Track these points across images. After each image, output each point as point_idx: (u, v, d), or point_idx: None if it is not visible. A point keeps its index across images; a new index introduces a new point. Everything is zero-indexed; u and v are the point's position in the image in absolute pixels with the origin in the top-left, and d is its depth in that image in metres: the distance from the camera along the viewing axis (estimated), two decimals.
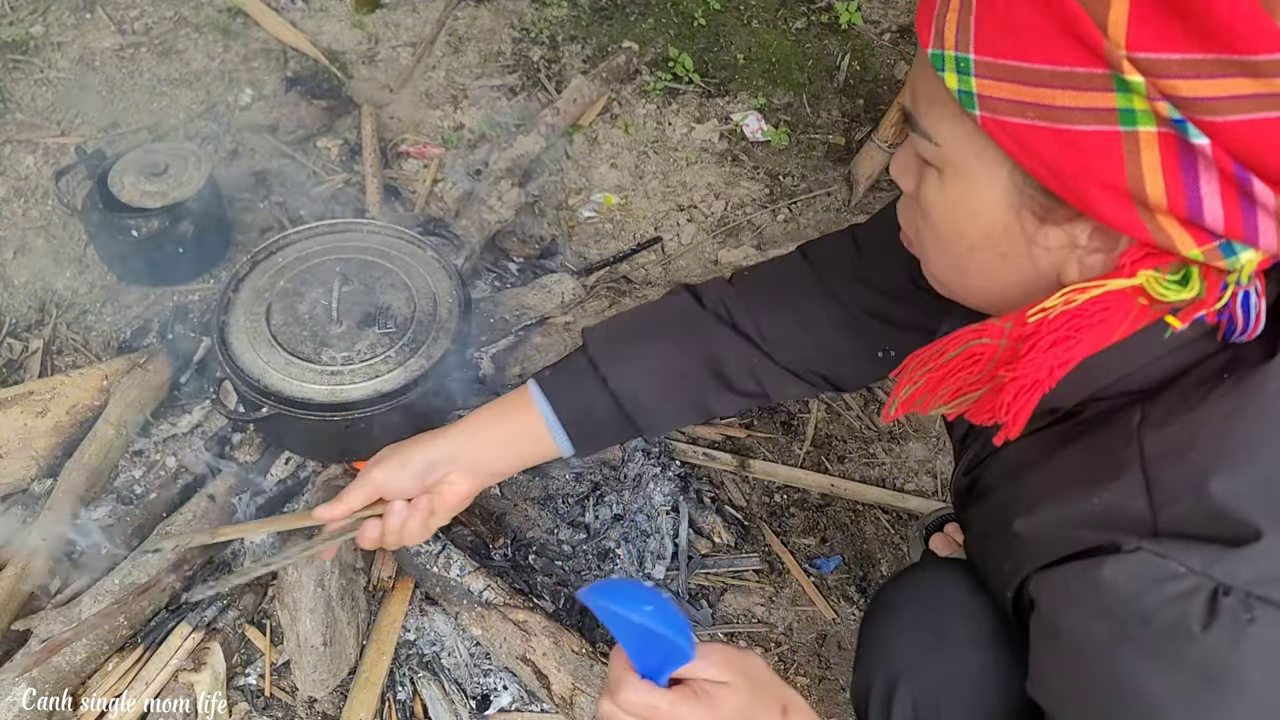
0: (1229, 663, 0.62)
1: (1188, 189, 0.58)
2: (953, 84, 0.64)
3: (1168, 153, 0.57)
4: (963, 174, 0.69)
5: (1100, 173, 0.60)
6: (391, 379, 1.50)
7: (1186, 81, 0.55)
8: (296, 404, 1.45)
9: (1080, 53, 0.58)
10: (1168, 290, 0.62)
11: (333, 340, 1.53)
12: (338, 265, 1.62)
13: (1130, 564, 0.65)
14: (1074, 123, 0.59)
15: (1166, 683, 0.65)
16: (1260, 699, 0.63)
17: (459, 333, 1.56)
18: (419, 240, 1.69)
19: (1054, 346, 0.65)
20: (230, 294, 1.58)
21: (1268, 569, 0.62)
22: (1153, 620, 0.64)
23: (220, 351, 1.50)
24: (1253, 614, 0.61)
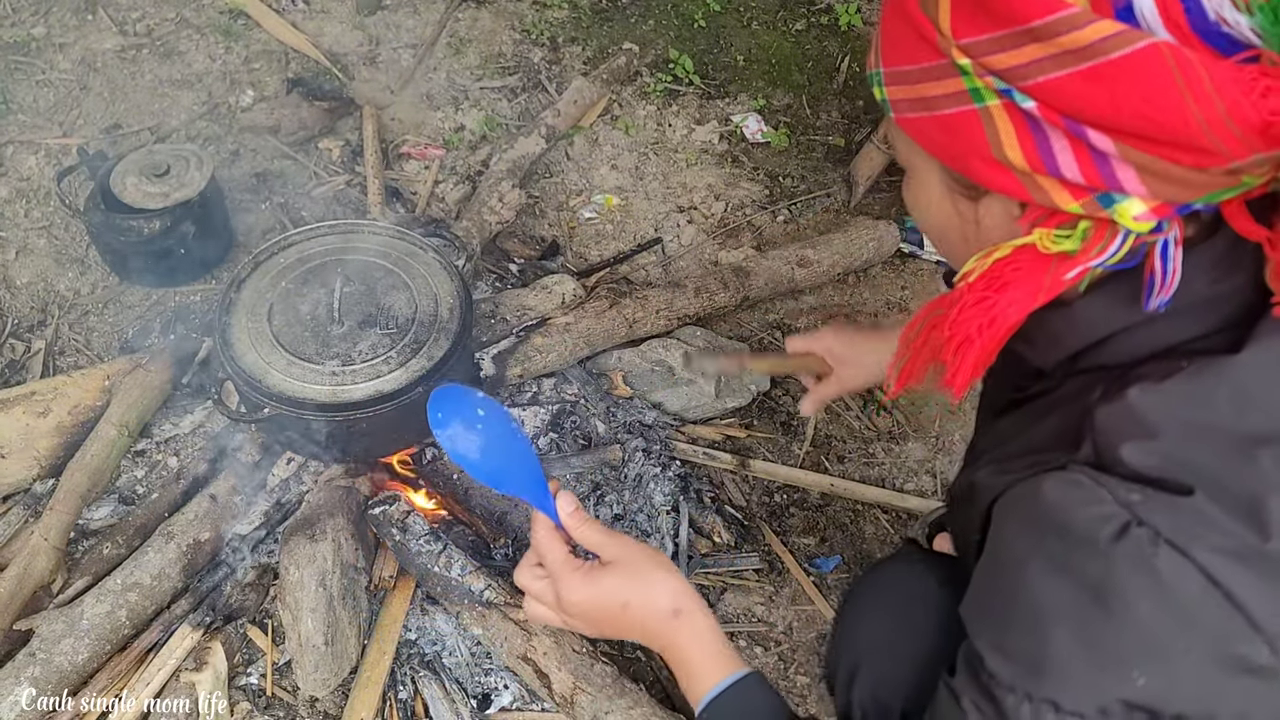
0: (1123, 586, 0.65)
1: (1040, 149, 0.64)
2: (878, 95, 0.75)
3: (1015, 119, 0.64)
4: (913, 171, 0.79)
5: (974, 147, 0.67)
6: (393, 379, 1.50)
7: (996, 56, 0.63)
8: (298, 404, 1.46)
9: (928, 49, 0.67)
10: (1054, 243, 0.68)
11: (334, 341, 1.53)
12: (339, 266, 1.62)
13: (1066, 481, 0.69)
14: (943, 108, 0.68)
15: (1060, 592, 0.68)
16: (1141, 630, 0.65)
17: (460, 333, 1.57)
18: (420, 241, 1.70)
19: (977, 305, 0.72)
20: (232, 295, 1.58)
21: (1186, 523, 0.64)
22: (1068, 534, 0.68)
23: (222, 352, 1.50)
24: (1158, 551, 0.64)
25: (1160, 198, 0.63)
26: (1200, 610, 0.64)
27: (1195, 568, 0.63)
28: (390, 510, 1.57)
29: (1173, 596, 0.64)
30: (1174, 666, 0.66)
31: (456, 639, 1.54)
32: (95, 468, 1.62)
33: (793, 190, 2.45)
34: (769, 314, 2.17)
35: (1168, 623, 0.65)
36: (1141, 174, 0.62)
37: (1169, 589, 0.64)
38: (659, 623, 0.94)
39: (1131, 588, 0.65)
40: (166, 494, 1.62)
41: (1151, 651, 0.66)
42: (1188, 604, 0.64)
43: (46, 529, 1.52)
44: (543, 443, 1.80)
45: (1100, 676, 0.67)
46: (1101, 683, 0.67)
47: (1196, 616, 0.64)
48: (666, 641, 0.95)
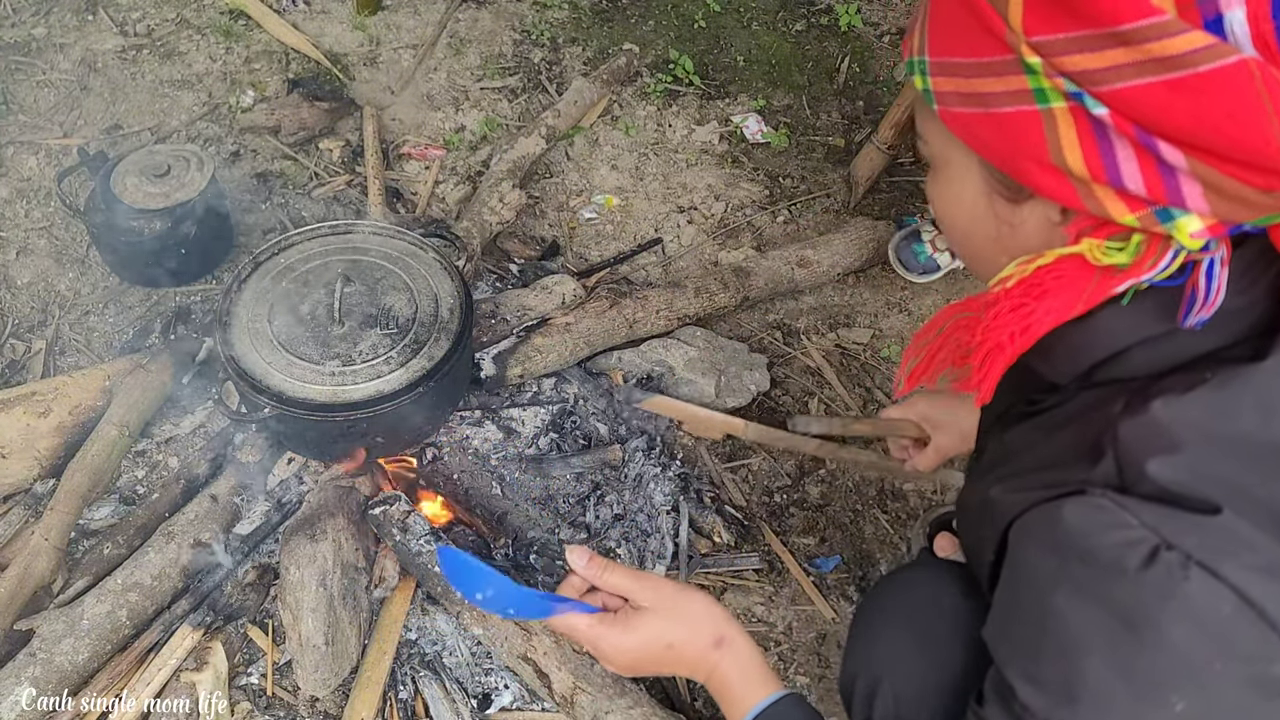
0: (1154, 613, 0.64)
1: (1104, 157, 0.62)
2: (919, 85, 0.72)
3: (1080, 124, 0.62)
4: (946, 167, 0.76)
5: (1030, 149, 0.65)
6: (393, 379, 1.50)
7: (1072, 57, 0.60)
8: (298, 404, 1.46)
9: (992, 43, 0.64)
10: (1105, 255, 0.66)
11: (334, 341, 1.53)
12: (339, 266, 1.62)
13: (1088, 506, 0.68)
14: (1000, 105, 0.65)
15: (1091, 619, 0.67)
16: (1175, 656, 0.64)
17: (461, 333, 1.57)
18: (420, 241, 1.70)
19: (1013, 312, 0.70)
20: (232, 295, 1.58)
21: (1215, 542, 0.63)
22: (1094, 559, 0.66)
23: (222, 352, 1.50)
24: (1189, 574, 0.63)
25: (1218, 216, 0.62)
26: (1235, 631, 0.63)
27: (1227, 588, 0.62)
28: (390, 510, 1.58)
29: (1206, 619, 0.63)
30: (1211, 691, 0.64)
31: (457, 639, 1.54)
32: (96, 468, 1.62)
33: (793, 190, 2.45)
34: (769, 314, 2.18)
35: (1203, 647, 0.63)
36: (1207, 191, 0.61)
37: (1202, 612, 0.63)
38: (703, 656, 0.96)
39: (1164, 614, 0.63)
40: (167, 494, 1.62)
41: (1189, 677, 0.64)
42: (1222, 626, 0.63)
43: (47, 529, 1.52)
44: (543, 443, 1.80)
45: (1137, 705, 0.66)
46: (1139, 711, 0.66)
47: (1232, 637, 0.63)
48: (709, 670, 0.96)
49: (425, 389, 1.50)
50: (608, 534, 1.69)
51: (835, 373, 2.08)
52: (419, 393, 1.49)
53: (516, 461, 1.75)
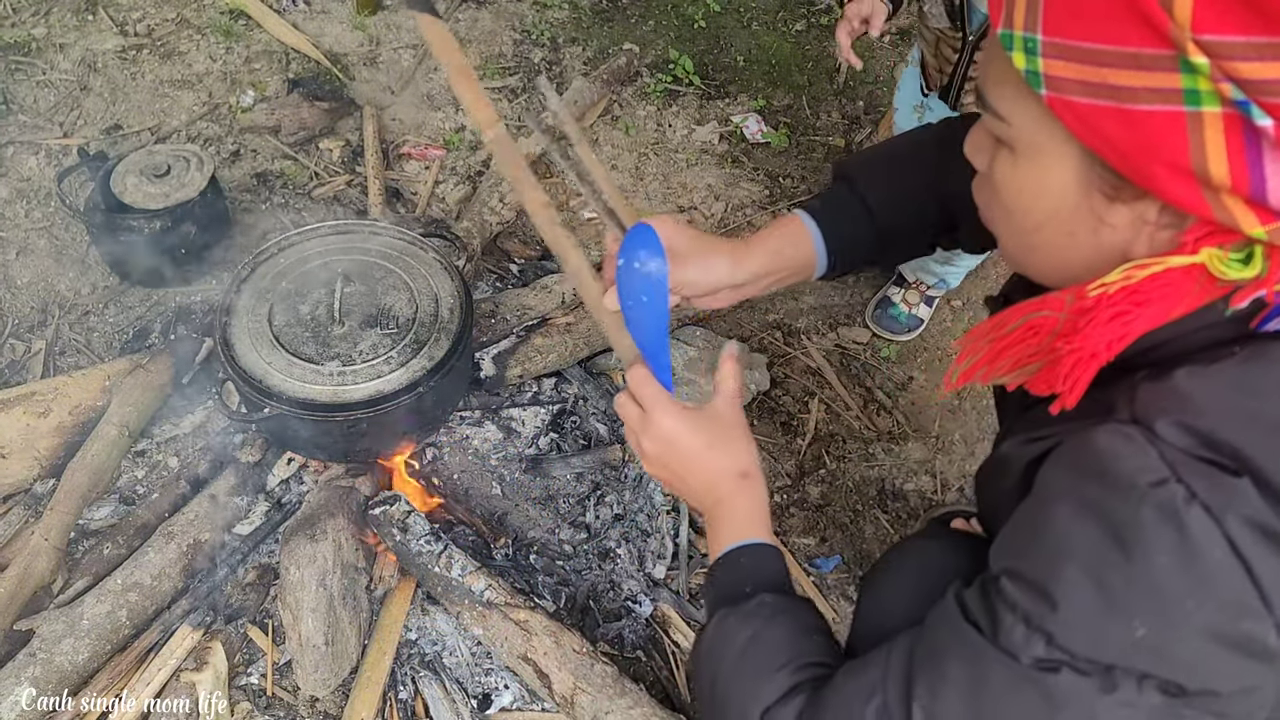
0: (1146, 535, 0.63)
1: (1251, 169, 0.59)
2: (1020, 63, 0.66)
3: (1232, 133, 0.59)
4: (1033, 153, 0.71)
5: (1165, 152, 0.61)
6: (394, 379, 1.50)
7: (1250, 64, 0.56)
8: (299, 404, 1.46)
9: (1146, 34, 0.59)
10: (1229, 268, 0.63)
11: (335, 341, 1.53)
12: (339, 266, 1.62)
13: (1119, 434, 0.67)
14: (1139, 102, 0.61)
15: (1085, 531, 0.67)
16: (1151, 582, 0.64)
17: (461, 333, 1.57)
18: (420, 241, 1.70)
19: (1113, 320, 0.67)
20: (232, 296, 1.58)
21: (1225, 494, 0.63)
22: (1106, 478, 0.66)
23: (222, 353, 1.50)
24: (1191, 510, 0.62)
25: None
26: (1217, 576, 0.62)
27: (1222, 535, 0.62)
28: (391, 510, 1.57)
29: (1193, 556, 0.63)
30: (1176, 627, 0.64)
31: (457, 639, 1.54)
32: (96, 468, 1.62)
33: (793, 190, 2.45)
34: (769, 314, 2.18)
35: (1181, 580, 0.63)
36: None
37: (1191, 548, 0.62)
38: (724, 476, 0.98)
39: (1154, 538, 0.63)
40: (166, 494, 1.62)
41: (1158, 605, 0.64)
42: (1207, 567, 0.62)
43: (47, 529, 1.52)
44: (543, 443, 1.80)
45: (1100, 620, 0.66)
46: (1101, 626, 0.66)
47: (1212, 582, 0.63)
48: (722, 495, 0.99)
49: (426, 388, 1.50)
50: (608, 534, 1.69)
51: (835, 372, 2.08)
52: (419, 392, 1.49)
53: (516, 461, 1.75)
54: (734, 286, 1.14)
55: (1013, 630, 0.70)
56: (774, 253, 1.14)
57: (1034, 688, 0.68)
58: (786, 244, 1.15)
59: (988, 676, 0.71)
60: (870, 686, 0.78)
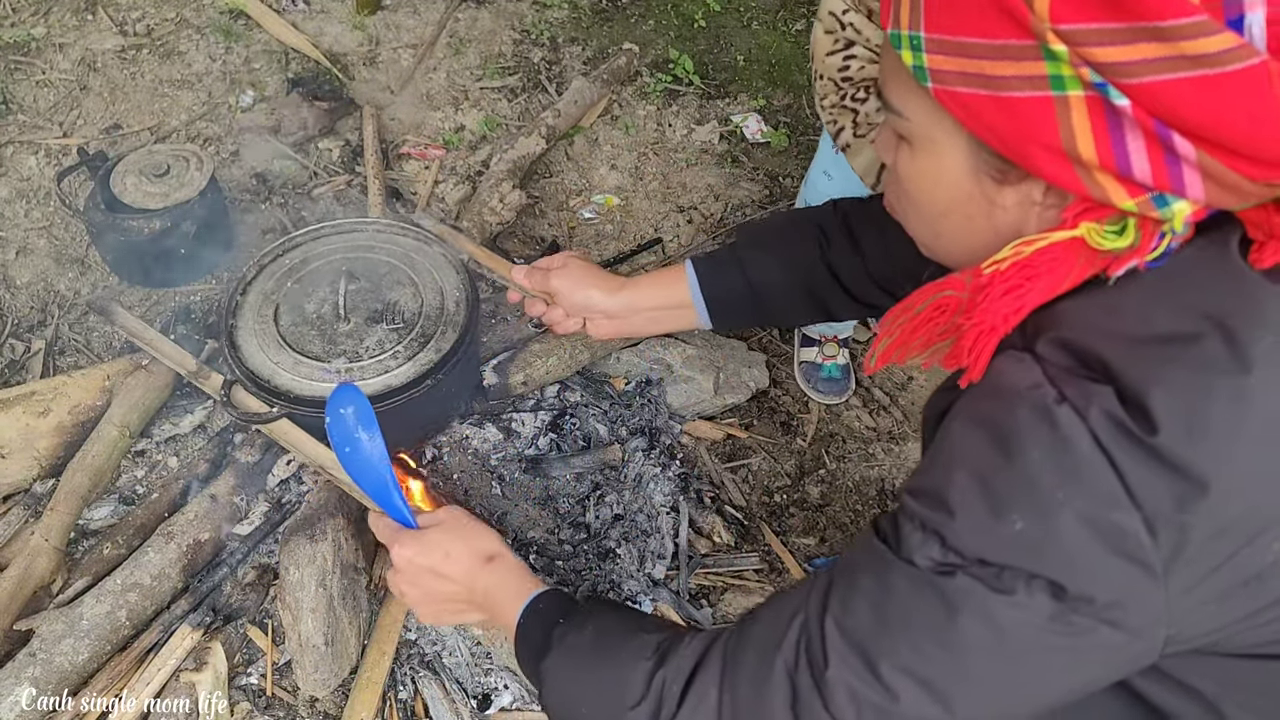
0: (1021, 432, 0.67)
1: (1115, 146, 0.64)
2: (908, 60, 0.71)
3: (1095, 114, 0.63)
4: (928, 144, 0.76)
5: (1038, 135, 0.66)
6: (401, 374, 1.50)
7: (1103, 49, 0.60)
8: (307, 403, 1.46)
9: (1011, 27, 0.64)
10: (1105, 239, 0.68)
11: (341, 338, 1.54)
12: (344, 265, 1.63)
13: (1013, 359, 0.71)
14: (1011, 90, 0.65)
15: (973, 437, 0.71)
16: (1025, 475, 0.67)
17: (467, 325, 1.57)
18: (424, 236, 1.70)
19: (1007, 294, 0.72)
20: (238, 297, 1.58)
21: (1090, 396, 0.66)
22: (996, 393, 0.71)
23: (230, 354, 1.50)
24: (1061, 408, 0.66)
25: (1209, 202, 0.65)
26: (1084, 468, 0.65)
27: (1087, 429, 0.65)
28: None
29: (1061, 448, 0.66)
30: (1051, 517, 0.67)
31: (456, 639, 1.54)
32: (96, 468, 1.62)
33: (793, 190, 2.45)
34: None
35: (1052, 471, 0.66)
36: (1206, 181, 0.63)
37: (1059, 441, 0.66)
38: (476, 568, 1.05)
39: (1028, 435, 0.67)
40: (166, 494, 1.62)
41: (1032, 498, 0.67)
42: (1074, 459, 0.65)
43: (47, 529, 1.52)
44: (542, 443, 1.80)
45: (986, 519, 0.69)
46: (987, 526, 0.69)
47: (1079, 472, 0.65)
48: (483, 585, 1.05)
49: (434, 381, 1.50)
50: (608, 534, 1.69)
51: None
52: (428, 385, 1.49)
53: (516, 462, 1.75)
54: (607, 314, 1.29)
55: (911, 538, 0.73)
56: (649, 289, 1.29)
57: (933, 591, 0.72)
58: (663, 285, 1.29)
59: (892, 584, 0.74)
60: (795, 606, 0.82)
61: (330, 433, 1.08)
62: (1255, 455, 0.64)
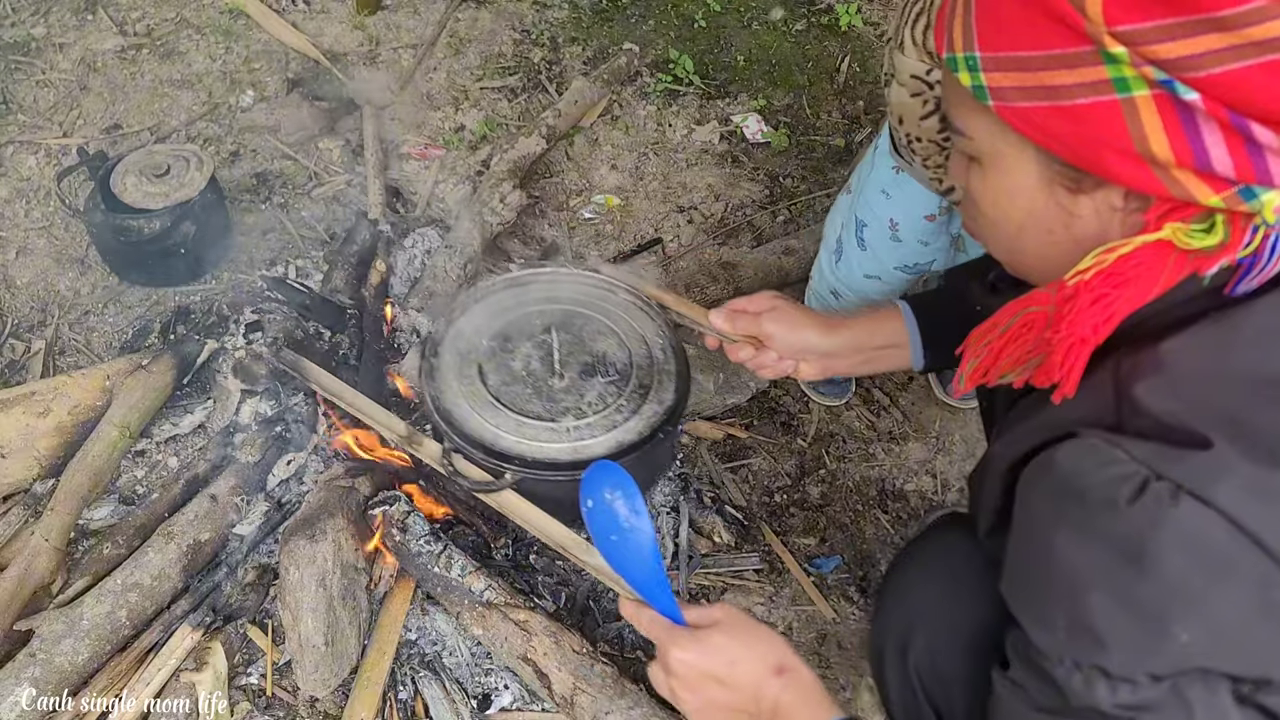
0: (1148, 541, 0.64)
1: (1191, 142, 0.62)
2: (966, 81, 0.71)
3: (1165, 111, 0.62)
4: (996, 161, 0.75)
5: (1108, 139, 0.65)
6: (631, 428, 1.43)
7: (1164, 45, 0.60)
8: (541, 465, 1.38)
9: (1065, 35, 0.64)
10: (1193, 238, 0.66)
11: (560, 395, 1.46)
12: (536, 319, 1.55)
13: (1081, 448, 0.69)
14: (1075, 98, 0.65)
15: (1090, 556, 0.68)
16: (1172, 585, 0.65)
17: (681, 373, 1.50)
18: (609, 283, 1.62)
19: (1095, 304, 0.70)
20: (431, 360, 1.50)
21: (1206, 473, 0.64)
22: (1087, 496, 0.67)
23: (441, 420, 1.42)
24: (1178, 501, 0.63)
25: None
26: (1230, 557, 0.63)
27: (1218, 514, 0.63)
28: (390, 510, 1.57)
29: (1200, 546, 0.63)
30: (1214, 619, 0.65)
31: (456, 639, 1.54)
32: (96, 468, 1.62)
33: (793, 190, 2.45)
34: None
35: (1199, 574, 0.64)
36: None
37: (1195, 539, 0.63)
38: (764, 680, 0.93)
39: (1158, 543, 0.64)
40: (166, 494, 1.62)
41: (1188, 606, 0.65)
42: (1216, 552, 0.63)
43: (47, 529, 1.52)
44: None
45: (1144, 638, 0.67)
46: (1146, 644, 0.67)
47: (1228, 564, 0.63)
48: (771, 700, 0.93)
49: (665, 434, 1.44)
50: None
51: None
52: (659, 439, 1.43)
53: None
54: (822, 354, 1.20)
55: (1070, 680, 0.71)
56: (866, 327, 1.21)
57: None
58: (880, 325, 1.21)
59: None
60: None
61: (590, 519, 0.97)
62: None
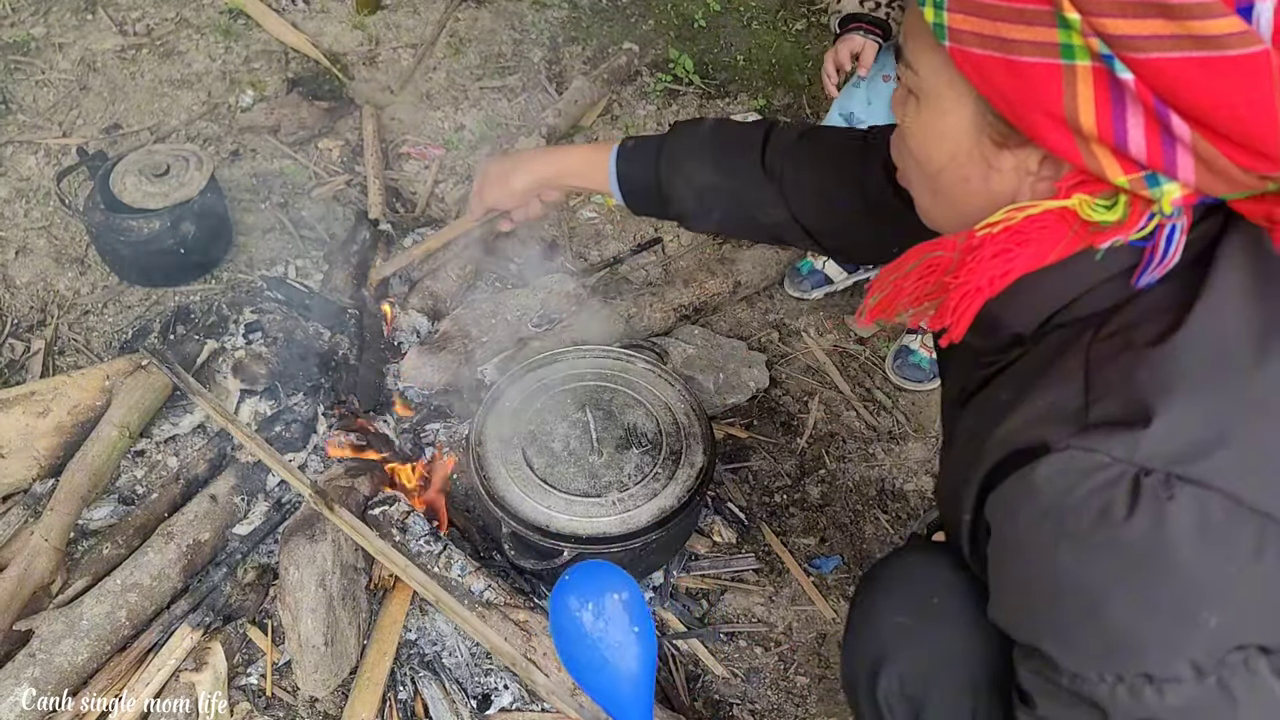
0: (1156, 542, 0.65)
1: (1115, 120, 0.65)
2: (929, 17, 0.73)
3: (1100, 86, 0.65)
4: (935, 100, 0.77)
5: (1044, 101, 0.67)
6: (670, 495, 1.50)
7: (1114, 20, 0.62)
8: (594, 541, 1.44)
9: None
10: (1095, 212, 0.69)
11: (600, 470, 1.53)
12: (566, 397, 1.62)
13: (1060, 462, 0.69)
14: (1023, 54, 0.67)
15: (1102, 569, 0.68)
16: (1188, 575, 0.66)
17: (707, 436, 1.58)
18: (628, 355, 1.71)
19: (995, 257, 0.74)
20: (477, 451, 1.55)
21: (1181, 444, 0.65)
22: (1083, 511, 0.68)
23: (497, 507, 1.48)
24: (1172, 492, 0.64)
25: (1199, 188, 0.66)
26: (1234, 532, 0.64)
27: (1212, 491, 0.64)
28: (390, 510, 1.57)
29: (1204, 530, 0.64)
30: (1236, 596, 0.66)
31: (456, 639, 1.54)
32: (96, 468, 1.61)
33: None
34: (769, 314, 2.17)
35: (1211, 557, 0.65)
36: (1198, 164, 0.65)
37: (1198, 525, 0.64)
38: None
39: (1164, 539, 0.65)
40: (166, 494, 1.62)
41: (1209, 591, 0.66)
42: (1220, 531, 0.64)
43: (47, 529, 1.52)
44: None
45: (1174, 632, 0.67)
46: (1180, 637, 0.67)
47: (1233, 540, 0.64)
48: None
49: (699, 496, 1.51)
50: None
51: (837, 372, 2.08)
52: (695, 502, 1.50)
53: None
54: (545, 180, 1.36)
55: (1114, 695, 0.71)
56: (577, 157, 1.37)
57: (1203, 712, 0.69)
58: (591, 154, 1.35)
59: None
60: None
61: (572, 626, 0.92)
62: None
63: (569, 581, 0.93)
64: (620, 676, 0.91)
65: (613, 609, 0.91)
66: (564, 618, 0.91)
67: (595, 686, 0.92)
